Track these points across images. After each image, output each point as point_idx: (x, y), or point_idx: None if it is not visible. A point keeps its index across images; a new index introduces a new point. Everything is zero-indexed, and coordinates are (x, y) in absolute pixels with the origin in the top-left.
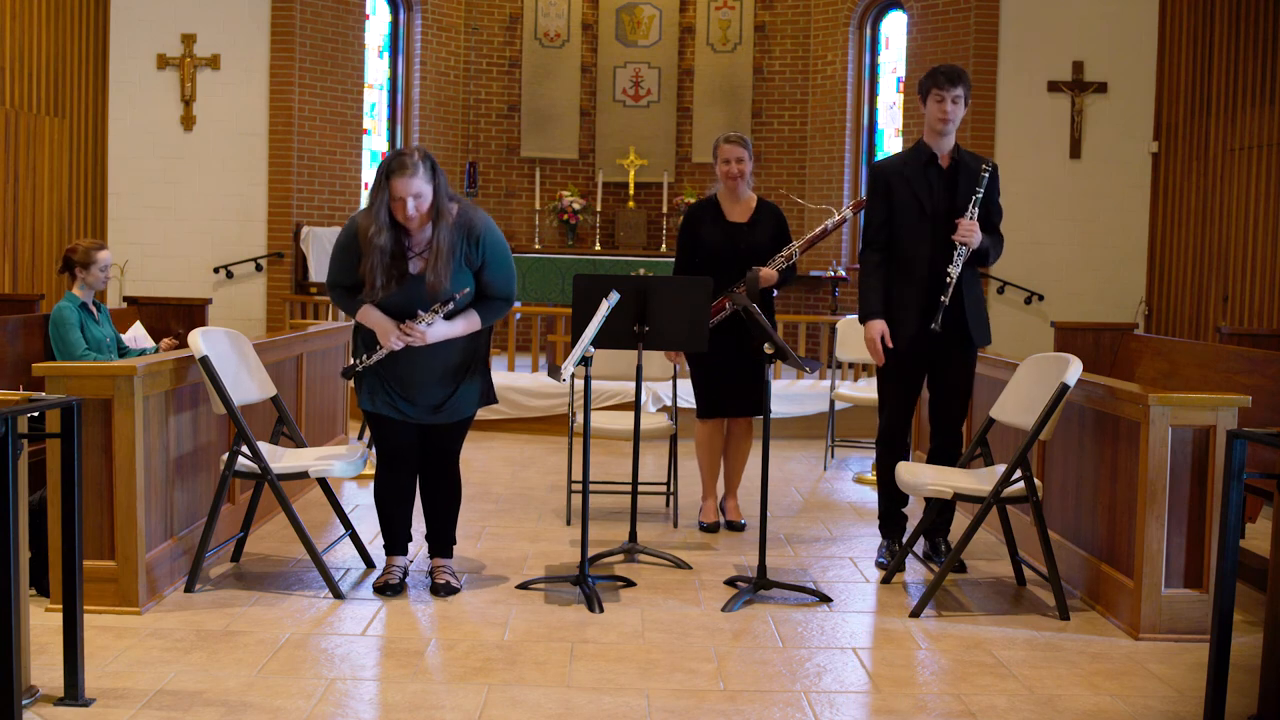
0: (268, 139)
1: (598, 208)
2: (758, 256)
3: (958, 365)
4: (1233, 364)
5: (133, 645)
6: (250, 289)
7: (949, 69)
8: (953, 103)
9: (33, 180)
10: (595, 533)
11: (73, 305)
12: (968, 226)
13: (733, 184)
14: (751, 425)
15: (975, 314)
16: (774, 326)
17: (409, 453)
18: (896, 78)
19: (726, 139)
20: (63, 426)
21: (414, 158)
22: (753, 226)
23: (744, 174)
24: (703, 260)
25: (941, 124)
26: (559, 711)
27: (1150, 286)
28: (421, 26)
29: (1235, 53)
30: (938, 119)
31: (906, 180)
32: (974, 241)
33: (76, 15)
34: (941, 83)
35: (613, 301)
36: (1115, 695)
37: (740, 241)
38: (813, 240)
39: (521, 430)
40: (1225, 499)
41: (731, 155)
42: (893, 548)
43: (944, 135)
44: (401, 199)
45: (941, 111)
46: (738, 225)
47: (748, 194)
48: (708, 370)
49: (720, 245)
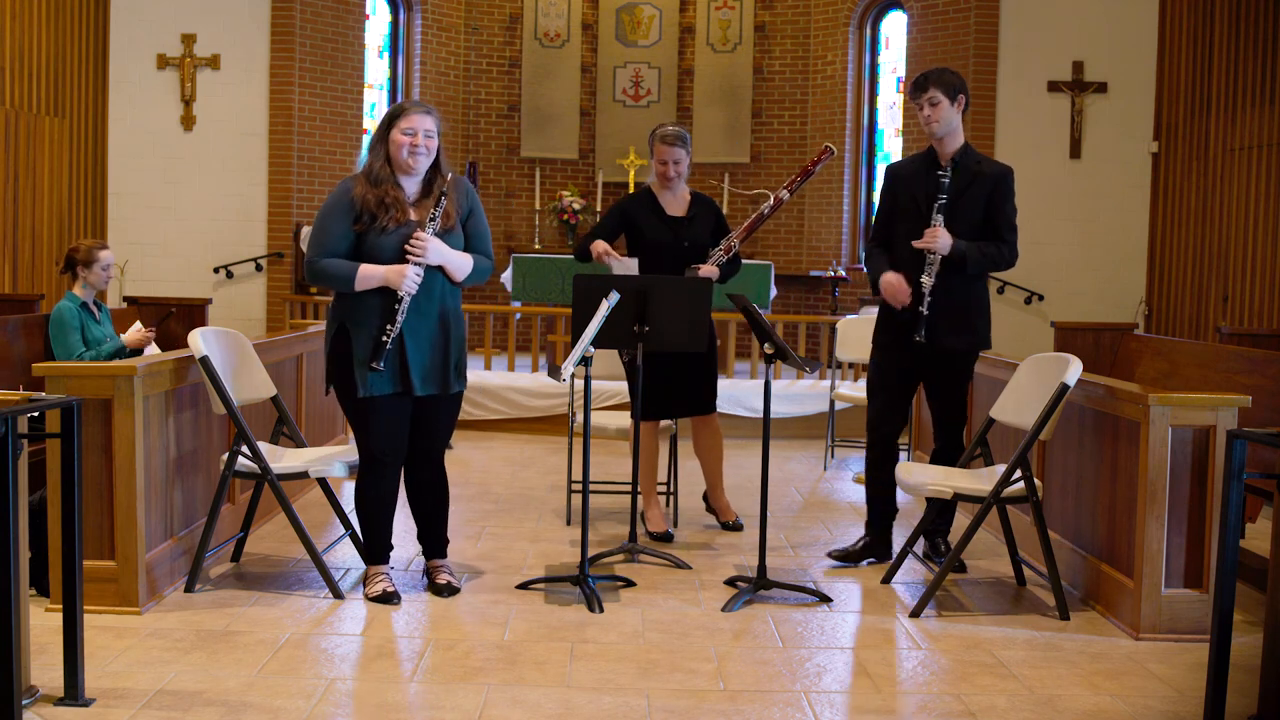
0: (268, 139)
1: (598, 208)
2: (699, 249)
3: (948, 372)
4: (1233, 364)
5: (133, 645)
6: (250, 289)
7: (917, 77)
8: (929, 106)
9: (33, 180)
10: (595, 533)
11: (73, 305)
12: (930, 233)
13: (669, 182)
14: (714, 421)
15: (960, 321)
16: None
17: (400, 450)
18: (896, 78)
19: (664, 138)
20: (63, 426)
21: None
22: (692, 220)
23: (681, 175)
24: (646, 255)
25: (926, 128)
26: (559, 711)
27: (1150, 286)
28: (421, 26)
29: (1235, 53)
30: (922, 124)
31: (907, 181)
32: (939, 247)
33: (76, 15)
34: (912, 92)
35: (613, 301)
36: (1115, 695)
37: (683, 236)
38: (750, 228)
39: (521, 430)
40: (1225, 499)
41: (669, 158)
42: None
43: (937, 138)
44: (415, 133)
45: (921, 118)
46: (678, 219)
47: (682, 188)
48: (647, 370)
49: (665, 240)
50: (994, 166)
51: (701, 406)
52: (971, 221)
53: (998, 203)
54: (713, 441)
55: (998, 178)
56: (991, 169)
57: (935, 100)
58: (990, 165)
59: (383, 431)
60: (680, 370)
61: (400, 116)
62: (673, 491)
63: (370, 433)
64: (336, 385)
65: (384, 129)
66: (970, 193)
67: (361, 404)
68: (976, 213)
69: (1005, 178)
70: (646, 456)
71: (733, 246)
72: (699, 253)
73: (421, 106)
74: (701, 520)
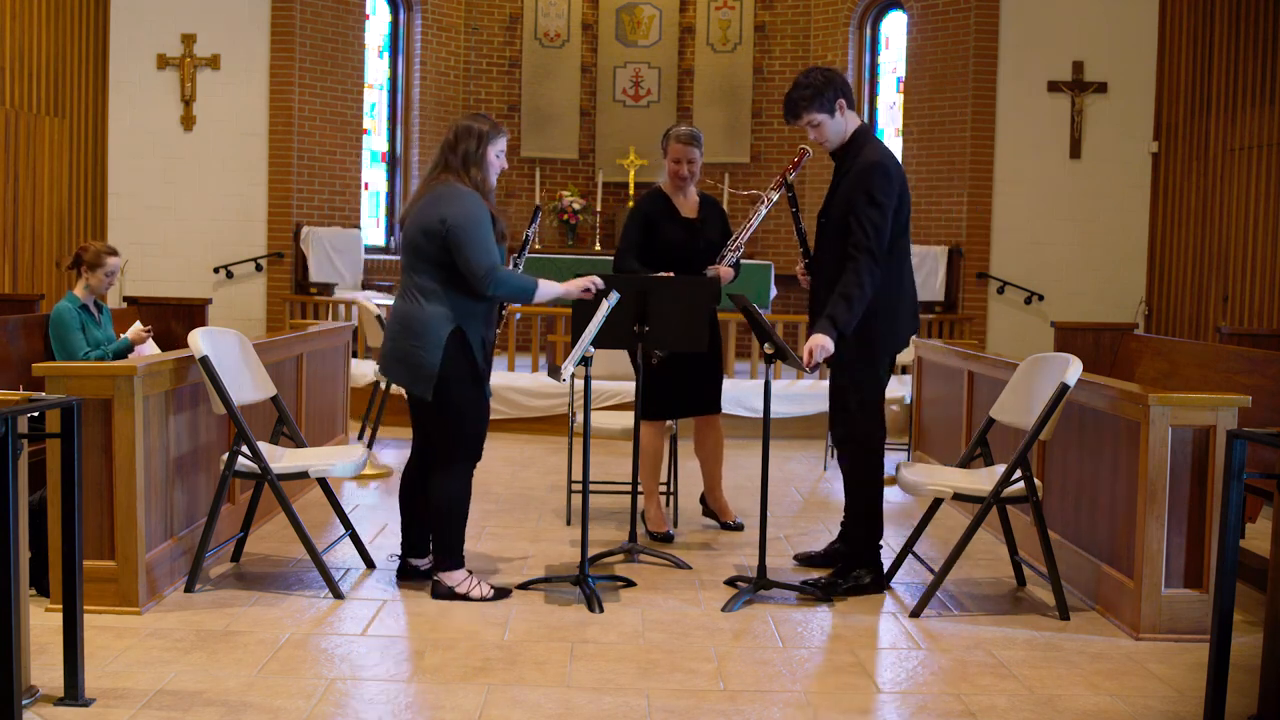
0: (268, 139)
1: (598, 208)
2: (713, 250)
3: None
4: (1233, 364)
5: (133, 645)
6: (250, 289)
7: (785, 103)
8: (812, 129)
9: (33, 180)
10: (595, 533)
11: (73, 306)
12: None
13: (682, 183)
14: (718, 422)
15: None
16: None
17: None
18: (896, 78)
19: (679, 137)
20: (63, 426)
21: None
22: (704, 221)
23: (694, 175)
24: (661, 257)
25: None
26: (559, 711)
27: (1150, 286)
28: (421, 26)
29: (1235, 53)
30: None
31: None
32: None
33: (76, 15)
34: (787, 120)
35: (613, 301)
36: (1115, 695)
37: (699, 238)
38: (751, 230)
39: (521, 430)
40: (1225, 499)
41: (684, 157)
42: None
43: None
44: (502, 154)
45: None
46: (692, 220)
47: (692, 189)
48: (656, 370)
49: (683, 242)
50: (861, 161)
51: (708, 406)
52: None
53: (853, 204)
54: (715, 441)
55: (857, 174)
56: (857, 164)
57: (815, 122)
58: (859, 159)
59: (482, 431)
60: (688, 370)
61: (500, 135)
62: (673, 491)
63: (474, 433)
64: (448, 385)
65: (486, 139)
66: (840, 193)
67: (478, 405)
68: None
69: (864, 173)
70: (649, 456)
71: (739, 247)
72: (712, 254)
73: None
74: (701, 520)
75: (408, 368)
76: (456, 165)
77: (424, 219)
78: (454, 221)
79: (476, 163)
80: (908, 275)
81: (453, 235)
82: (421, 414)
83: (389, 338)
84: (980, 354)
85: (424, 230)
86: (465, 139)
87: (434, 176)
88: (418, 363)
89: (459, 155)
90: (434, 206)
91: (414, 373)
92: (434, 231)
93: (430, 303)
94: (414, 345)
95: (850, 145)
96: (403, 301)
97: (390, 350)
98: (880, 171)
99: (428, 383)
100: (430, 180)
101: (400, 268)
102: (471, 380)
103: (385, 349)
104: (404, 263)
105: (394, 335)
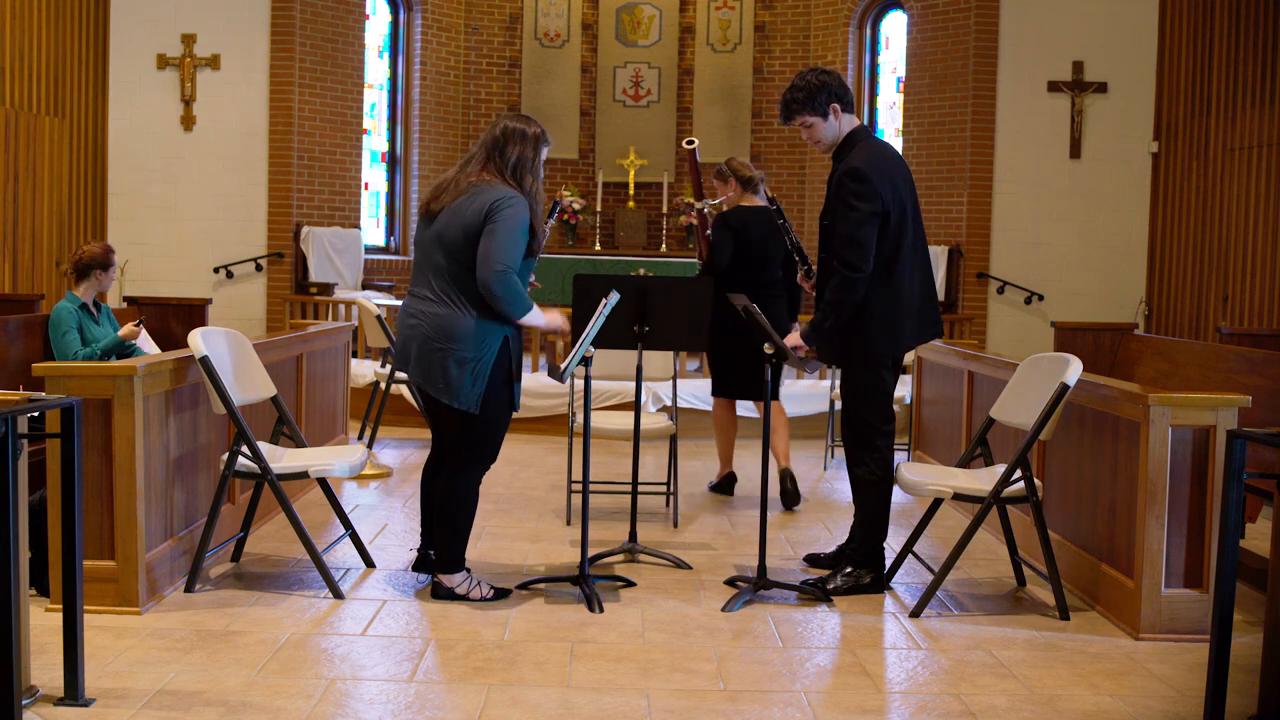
0: (268, 139)
1: (598, 207)
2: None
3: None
4: (1233, 364)
5: (133, 645)
6: (250, 289)
7: (780, 103)
8: (805, 129)
9: (33, 180)
10: (595, 533)
11: (72, 306)
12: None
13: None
14: (779, 406)
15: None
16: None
17: None
18: (896, 78)
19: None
20: (62, 426)
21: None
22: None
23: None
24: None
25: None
26: (559, 711)
27: (1150, 286)
28: (421, 26)
29: (1235, 53)
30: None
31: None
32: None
33: (76, 15)
34: (782, 120)
35: (613, 301)
36: (1115, 695)
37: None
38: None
39: (521, 430)
40: (1225, 499)
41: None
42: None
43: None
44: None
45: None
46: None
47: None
48: (722, 352)
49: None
50: (842, 166)
51: (761, 392)
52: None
53: (834, 210)
54: (778, 423)
55: (836, 180)
56: (838, 169)
57: (808, 124)
58: (842, 165)
59: (503, 437)
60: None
61: (547, 145)
62: (673, 492)
63: (497, 442)
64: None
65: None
66: (828, 198)
67: (509, 413)
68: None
69: (841, 180)
70: (723, 428)
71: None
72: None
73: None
74: (702, 520)
75: (450, 382)
76: (503, 168)
77: (465, 218)
78: (503, 210)
79: (532, 171)
80: (912, 275)
81: (493, 219)
82: (448, 417)
83: (425, 348)
84: (980, 354)
85: (466, 229)
86: (518, 143)
87: (473, 172)
88: (469, 377)
89: (508, 160)
90: (476, 203)
91: (458, 389)
92: (475, 228)
93: (481, 314)
94: (466, 357)
95: (843, 148)
96: (445, 309)
97: (434, 360)
98: (854, 177)
99: (476, 400)
100: (467, 175)
101: (414, 265)
102: (508, 389)
103: (423, 359)
104: (435, 264)
105: (437, 346)
